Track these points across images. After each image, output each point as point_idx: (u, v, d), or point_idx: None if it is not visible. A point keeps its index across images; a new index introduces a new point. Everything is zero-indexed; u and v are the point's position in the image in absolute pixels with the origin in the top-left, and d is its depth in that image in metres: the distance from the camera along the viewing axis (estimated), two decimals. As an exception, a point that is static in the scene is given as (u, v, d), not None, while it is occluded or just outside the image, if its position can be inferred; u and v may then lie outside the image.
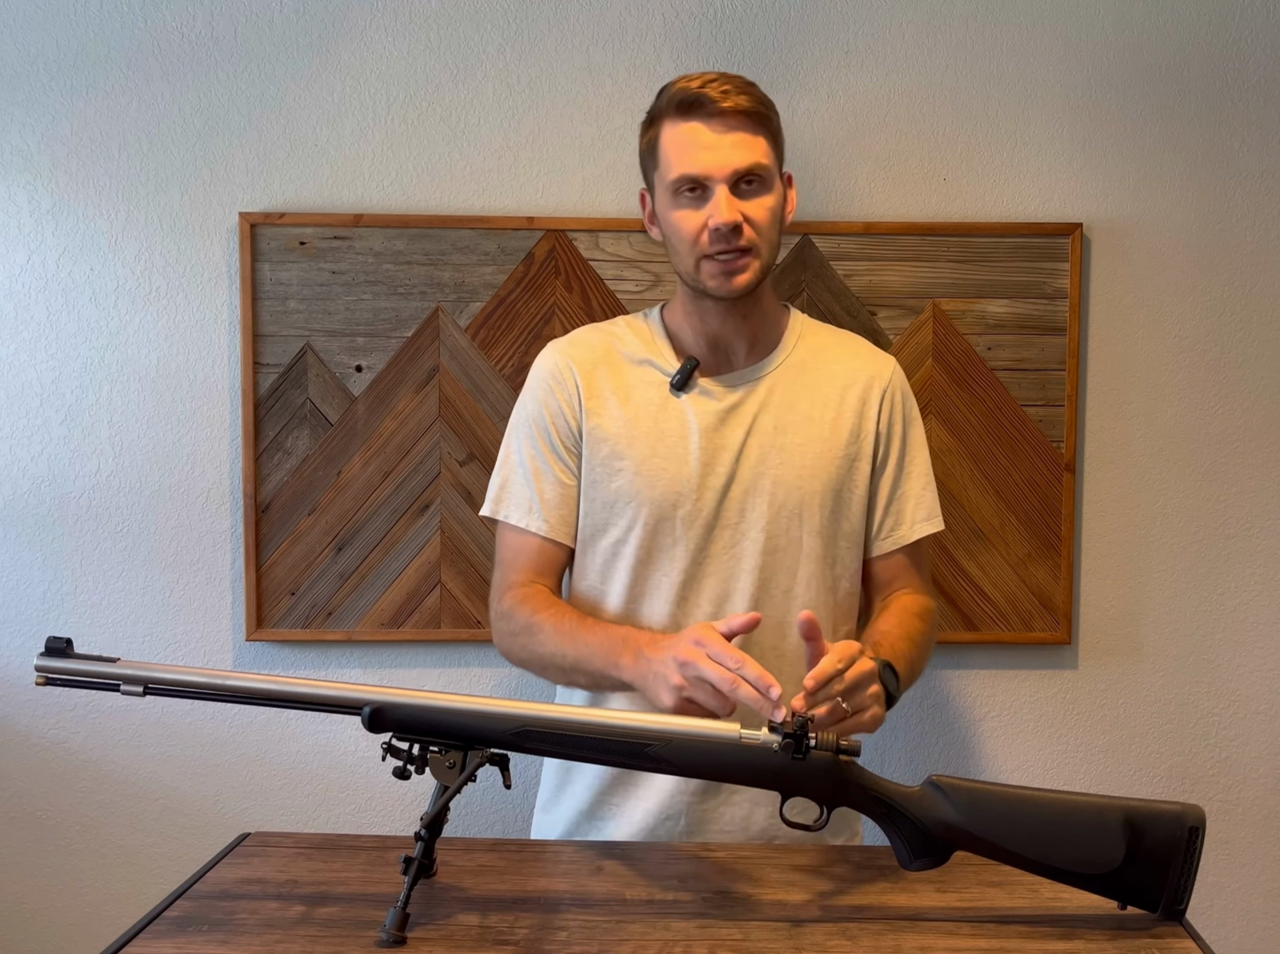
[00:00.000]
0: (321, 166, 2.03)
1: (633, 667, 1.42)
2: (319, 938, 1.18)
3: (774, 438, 1.57)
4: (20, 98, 2.01)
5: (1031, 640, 2.07)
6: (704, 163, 1.47)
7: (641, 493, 1.57)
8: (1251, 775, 2.13)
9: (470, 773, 1.22)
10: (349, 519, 2.04)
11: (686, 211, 1.50)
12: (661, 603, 1.58)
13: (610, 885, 1.33)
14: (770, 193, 1.51)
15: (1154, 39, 2.03)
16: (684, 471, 1.56)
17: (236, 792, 2.10)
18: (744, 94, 1.49)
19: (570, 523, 1.62)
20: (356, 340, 2.03)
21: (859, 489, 1.61)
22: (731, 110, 1.47)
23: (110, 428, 2.05)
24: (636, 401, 1.59)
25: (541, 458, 1.61)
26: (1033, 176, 2.04)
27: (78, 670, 1.24)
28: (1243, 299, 2.07)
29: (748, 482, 1.57)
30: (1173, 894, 1.22)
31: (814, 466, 1.58)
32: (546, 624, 1.53)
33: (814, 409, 1.60)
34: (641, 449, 1.57)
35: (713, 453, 1.57)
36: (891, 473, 1.64)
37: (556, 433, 1.61)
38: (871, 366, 1.64)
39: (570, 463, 1.61)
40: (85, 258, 2.03)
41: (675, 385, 1.58)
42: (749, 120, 1.48)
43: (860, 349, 1.68)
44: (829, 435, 1.59)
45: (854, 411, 1.61)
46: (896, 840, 1.26)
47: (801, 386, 1.60)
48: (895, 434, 1.63)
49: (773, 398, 1.59)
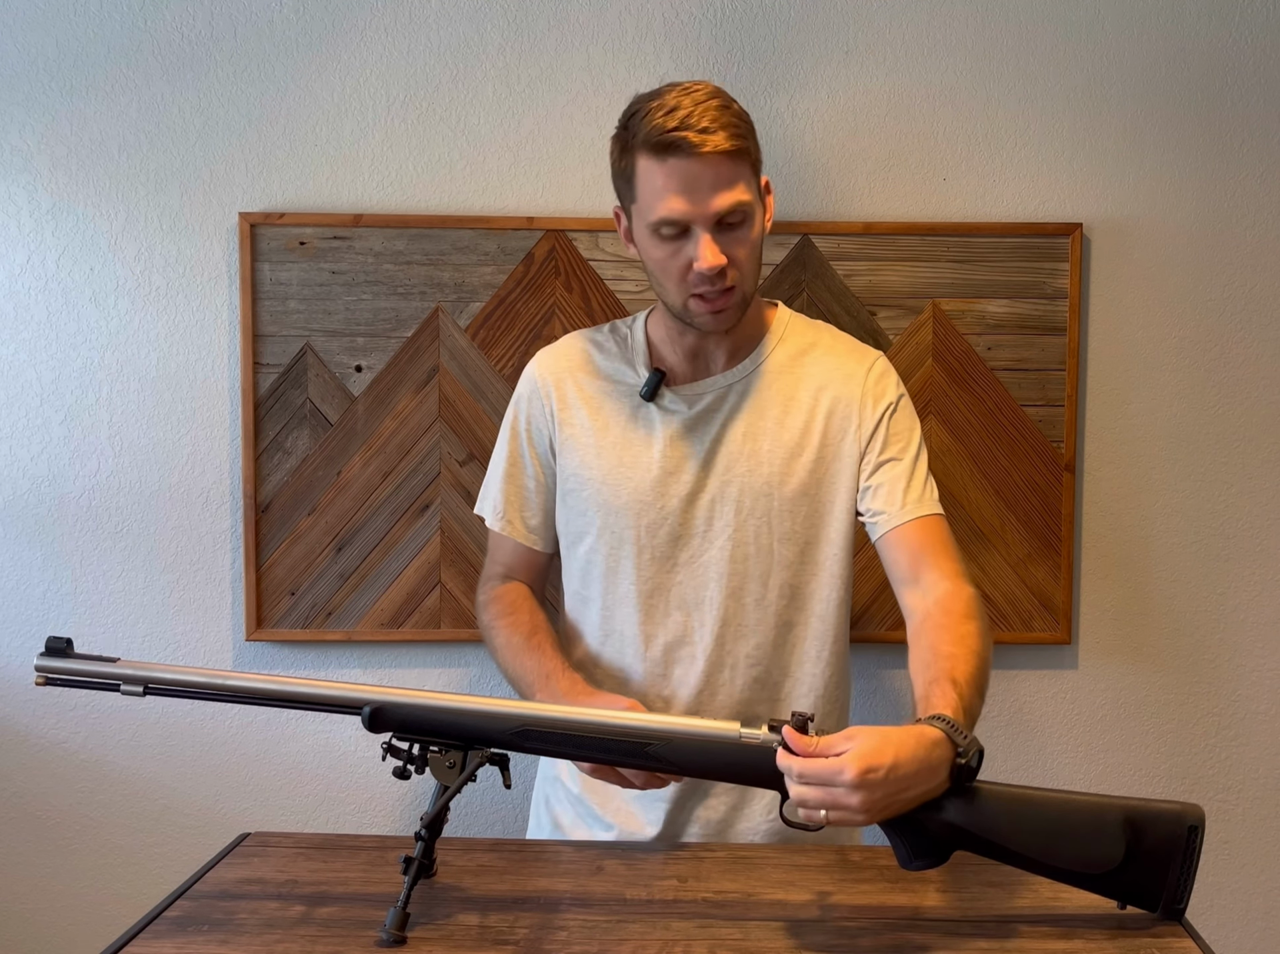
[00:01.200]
0: (321, 166, 2.03)
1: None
2: (319, 938, 1.18)
3: (742, 445, 1.56)
4: (20, 98, 2.01)
5: (1031, 640, 2.07)
6: (684, 208, 1.42)
7: (607, 502, 1.57)
8: (1251, 775, 2.13)
9: (470, 773, 1.23)
10: (349, 519, 2.04)
11: (668, 249, 1.46)
12: (630, 610, 1.58)
13: (610, 885, 1.33)
14: (752, 226, 1.47)
15: (1154, 39, 2.03)
16: (647, 480, 1.56)
17: (236, 792, 2.10)
18: (722, 130, 1.41)
19: (536, 527, 1.66)
20: (356, 340, 2.03)
21: (840, 494, 1.57)
22: (711, 153, 1.41)
23: (110, 428, 2.05)
24: (607, 411, 1.60)
25: (514, 462, 1.65)
26: (1033, 176, 2.04)
27: (78, 670, 1.24)
28: (1243, 299, 2.07)
29: (714, 490, 1.56)
30: (1172, 894, 1.22)
31: (783, 473, 1.55)
32: (501, 634, 1.60)
33: (786, 415, 1.57)
34: (608, 459, 1.58)
35: (678, 461, 1.56)
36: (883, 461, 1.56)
37: (530, 440, 1.64)
38: (849, 365, 1.60)
39: (538, 470, 1.64)
40: (85, 258, 2.03)
41: (643, 395, 1.58)
42: (729, 159, 1.42)
43: (840, 347, 1.63)
44: (800, 440, 1.56)
45: (828, 412, 1.57)
46: (896, 840, 1.26)
47: (775, 392, 1.58)
48: (881, 427, 1.56)
49: (743, 404, 1.57)
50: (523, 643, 1.56)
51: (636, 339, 1.63)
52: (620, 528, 1.57)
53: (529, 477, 1.64)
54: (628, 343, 1.63)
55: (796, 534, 1.57)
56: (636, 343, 1.62)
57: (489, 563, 1.70)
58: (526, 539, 1.66)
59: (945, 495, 2.03)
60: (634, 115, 1.47)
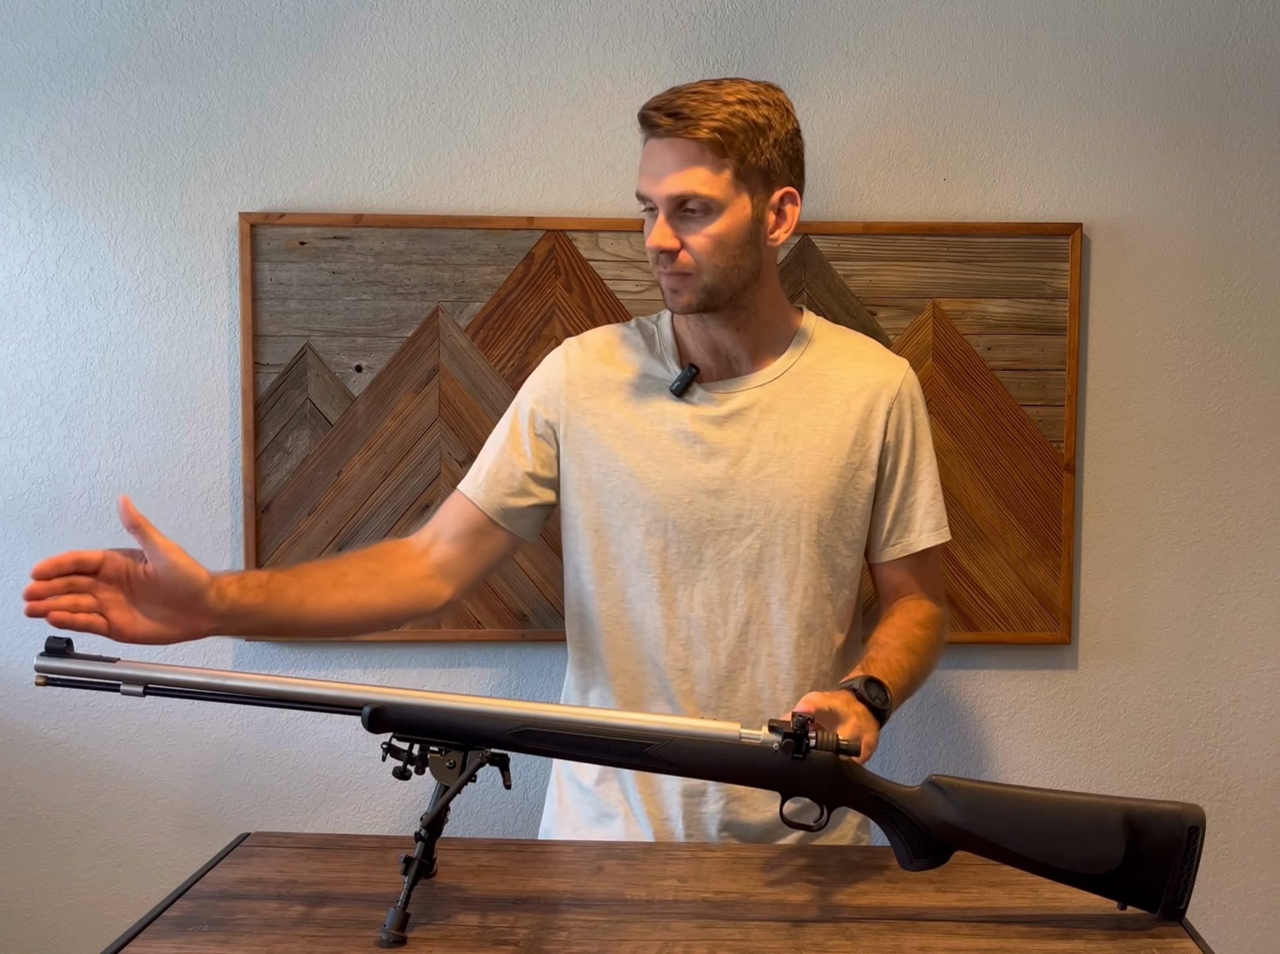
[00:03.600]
0: (321, 166, 2.03)
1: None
2: (319, 938, 1.18)
3: (775, 445, 1.57)
4: (20, 98, 2.01)
5: (1031, 640, 2.07)
6: (646, 185, 1.48)
7: (636, 495, 1.57)
8: (1251, 775, 2.13)
9: (470, 773, 1.22)
10: (349, 519, 2.04)
11: (647, 226, 1.51)
12: (652, 605, 1.57)
13: (610, 885, 1.33)
14: (715, 220, 1.47)
15: (1154, 39, 2.03)
16: (678, 475, 1.56)
17: (236, 792, 2.10)
18: (705, 120, 1.43)
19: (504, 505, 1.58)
20: (356, 340, 2.03)
21: (861, 498, 1.59)
22: (679, 136, 1.44)
23: (110, 428, 2.05)
24: (637, 404, 1.59)
25: (511, 438, 1.62)
26: (1033, 176, 2.04)
27: (78, 670, 1.24)
28: (1243, 299, 2.07)
29: (745, 488, 1.56)
30: (1172, 894, 1.22)
31: (814, 475, 1.56)
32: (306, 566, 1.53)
33: (818, 417, 1.58)
34: (637, 452, 1.57)
35: (709, 458, 1.56)
36: (901, 481, 1.61)
37: (532, 425, 1.61)
38: (881, 372, 1.61)
39: (532, 453, 1.60)
40: (85, 258, 2.03)
41: (675, 391, 1.58)
42: (696, 146, 1.44)
43: (870, 353, 1.65)
44: (831, 444, 1.57)
45: (859, 420, 1.59)
46: (896, 840, 1.26)
47: (806, 393, 1.59)
48: (905, 442, 1.61)
49: (776, 404, 1.58)
50: (313, 566, 1.52)
51: (664, 335, 1.63)
52: (647, 521, 1.57)
53: (522, 456, 1.60)
54: (655, 339, 1.63)
55: (822, 536, 1.57)
56: (664, 338, 1.62)
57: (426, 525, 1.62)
58: (486, 504, 1.58)
59: (945, 495, 2.03)
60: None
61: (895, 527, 1.63)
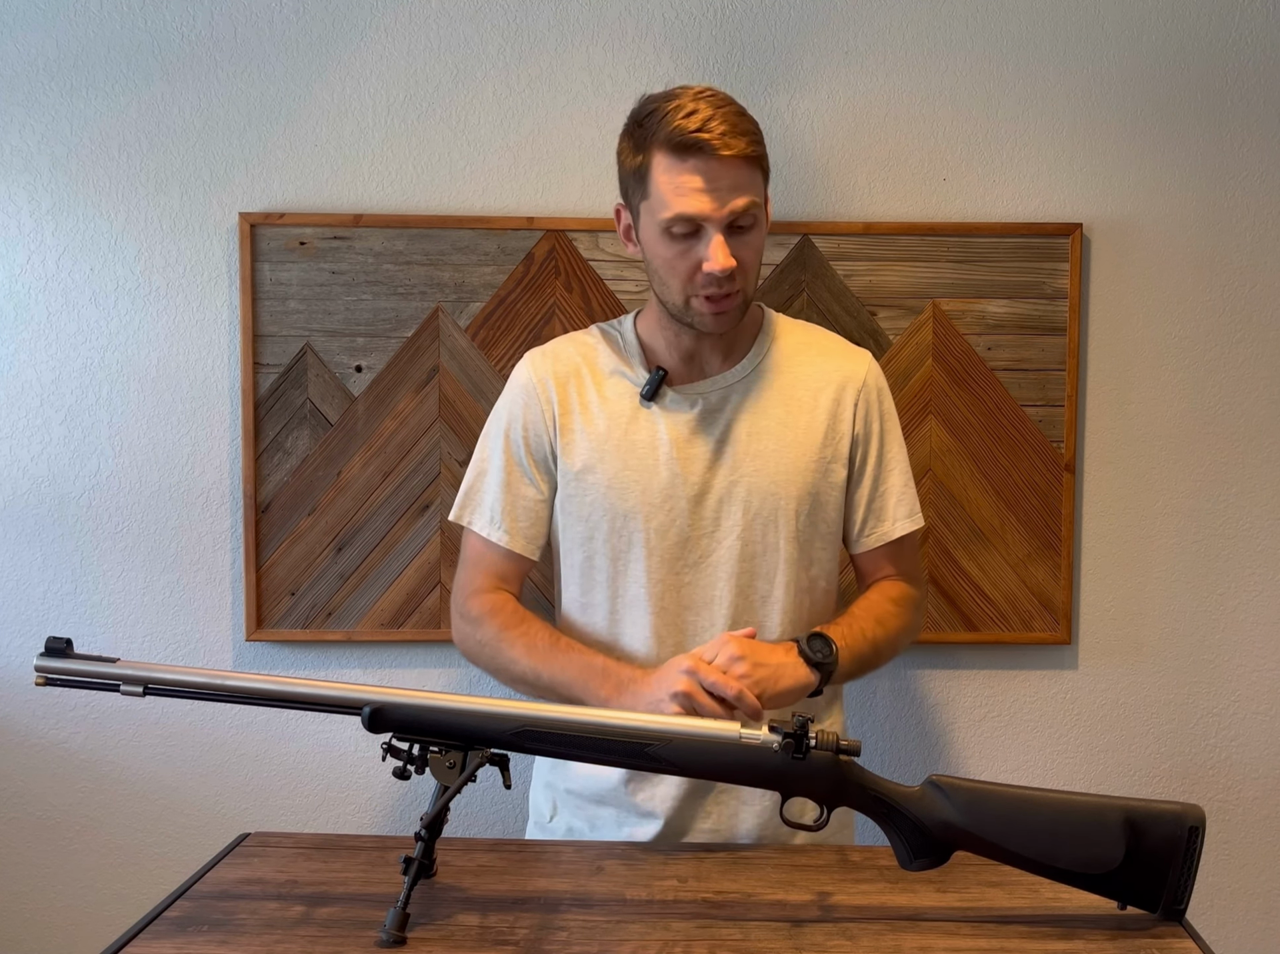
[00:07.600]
0: (321, 166, 2.03)
1: (618, 700, 1.45)
2: (319, 938, 1.18)
3: (748, 445, 1.57)
4: (20, 98, 2.01)
5: (1031, 640, 2.07)
6: (701, 206, 1.45)
7: (614, 506, 1.57)
8: (1251, 775, 2.13)
9: (470, 773, 1.23)
10: (349, 519, 2.04)
11: (678, 249, 1.48)
12: (641, 613, 1.57)
13: (610, 885, 1.33)
14: (759, 229, 1.51)
15: (1154, 39, 2.03)
16: (655, 483, 1.56)
17: (236, 792, 2.10)
18: (742, 136, 1.45)
19: (533, 536, 1.63)
20: (356, 340, 2.03)
21: (835, 491, 1.61)
22: (732, 157, 1.45)
23: (110, 428, 2.05)
24: (608, 414, 1.59)
25: (510, 470, 1.62)
26: (1033, 176, 2.04)
27: (78, 670, 1.24)
28: (1243, 299, 2.07)
29: (722, 490, 1.57)
30: (1172, 894, 1.22)
31: (789, 472, 1.57)
32: (518, 642, 1.56)
33: (788, 414, 1.59)
34: (613, 462, 1.57)
35: (685, 463, 1.56)
36: (871, 472, 1.63)
37: (528, 447, 1.61)
38: (845, 366, 1.63)
39: (538, 477, 1.62)
40: (85, 258, 2.03)
41: (644, 396, 1.58)
42: (746, 164, 1.47)
43: (833, 347, 1.67)
44: (803, 439, 1.58)
45: (828, 413, 1.60)
46: (896, 840, 1.26)
47: (774, 391, 1.60)
48: (873, 433, 1.63)
49: (745, 404, 1.58)
50: (550, 647, 1.54)
51: (629, 340, 1.63)
52: (629, 531, 1.57)
53: (529, 485, 1.62)
54: (619, 344, 1.63)
55: (800, 532, 1.58)
56: (629, 343, 1.62)
57: (470, 572, 1.64)
58: (525, 549, 1.63)
59: (945, 495, 2.04)
60: (650, 115, 1.49)
61: (869, 517, 1.64)
